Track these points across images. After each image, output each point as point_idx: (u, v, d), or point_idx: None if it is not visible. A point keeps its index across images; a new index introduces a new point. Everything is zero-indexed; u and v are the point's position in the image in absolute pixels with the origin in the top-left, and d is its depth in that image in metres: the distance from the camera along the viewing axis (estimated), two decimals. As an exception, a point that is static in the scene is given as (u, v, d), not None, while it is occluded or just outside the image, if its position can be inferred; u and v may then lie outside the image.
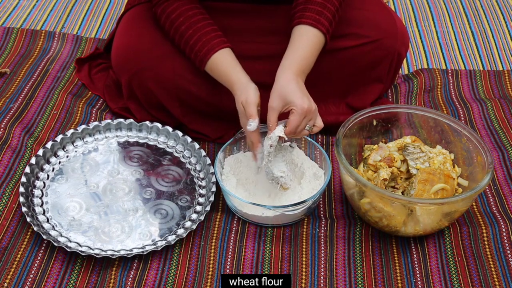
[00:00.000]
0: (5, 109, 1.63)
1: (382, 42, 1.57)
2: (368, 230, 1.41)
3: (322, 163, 1.49)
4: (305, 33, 1.41)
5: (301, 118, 1.32)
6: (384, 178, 1.38)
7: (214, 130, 1.61)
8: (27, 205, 1.38)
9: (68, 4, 2.17)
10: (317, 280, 1.31)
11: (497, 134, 1.65)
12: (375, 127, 1.51)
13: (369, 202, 1.33)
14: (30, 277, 1.29)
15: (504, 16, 2.18)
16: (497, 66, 1.95)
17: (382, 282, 1.31)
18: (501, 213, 1.44)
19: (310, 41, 1.41)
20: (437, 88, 1.81)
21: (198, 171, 1.52)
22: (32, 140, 1.57)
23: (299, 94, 1.33)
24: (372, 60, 1.59)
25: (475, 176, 1.39)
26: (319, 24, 1.41)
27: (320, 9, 1.42)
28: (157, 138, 1.59)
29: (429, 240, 1.39)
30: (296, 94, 1.32)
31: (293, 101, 1.32)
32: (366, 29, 1.55)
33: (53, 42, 1.92)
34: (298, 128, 1.33)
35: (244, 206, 1.39)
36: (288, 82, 1.34)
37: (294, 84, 1.34)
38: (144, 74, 1.53)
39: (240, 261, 1.33)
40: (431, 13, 2.20)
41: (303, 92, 1.34)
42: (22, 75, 1.77)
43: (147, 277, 1.30)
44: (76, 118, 1.66)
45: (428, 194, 1.34)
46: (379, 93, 1.67)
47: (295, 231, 1.40)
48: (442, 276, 1.32)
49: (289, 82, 1.34)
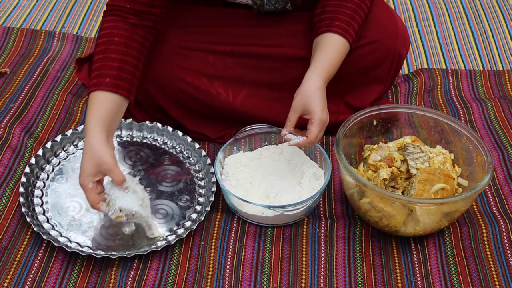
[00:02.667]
0: (5, 109, 1.63)
1: (383, 43, 1.57)
2: (368, 230, 1.41)
3: (322, 163, 1.49)
4: (334, 41, 1.42)
5: (319, 129, 1.36)
6: (384, 178, 1.38)
7: (214, 130, 1.61)
8: (27, 205, 1.38)
9: (68, 4, 2.17)
10: (317, 280, 1.31)
11: (497, 134, 1.65)
12: (375, 127, 1.51)
13: (369, 202, 1.33)
14: (30, 277, 1.29)
15: (504, 16, 2.18)
16: (497, 66, 1.95)
17: (382, 282, 1.31)
18: (501, 213, 1.44)
19: (339, 50, 1.43)
20: (437, 88, 1.81)
21: (198, 171, 1.52)
22: (32, 140, 1.57)
23: (321, 106, 1.36)
24: (373, 61, 1.59)
25: (475, 176, 1.39)
26: (347, 34, 1.43)
27: (350, 20, 1.43)
28: (157, 138, 1.59)
29: (429, 240, 1.39)
30: (319, 105, 1.36)
31: (315, 112, 1.36)
32: (368, 30, 1.55)
33: (53, 42, 1.92)
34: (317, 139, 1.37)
35: (244, 206, 1.39)
36: (315, 89, 1.37)
37: (320, 93, 1.37)
38: (142, 77, 1.53)
39: (240, 261, 1.33)
40: (431, 13, 2.20)
41: (324, 103, 1.38)
42: (22, 75, 1.77)
43: (147, 277, 1.30)
44: (76, 118, 1.66)
45: (428, 194, 1.34)
46: (379, 93, 1.67)
47: (295, 231, 1.40)
48: (442, 276, 1.32)
49: (316, 90, 1.37)
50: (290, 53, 1.54)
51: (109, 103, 1.31)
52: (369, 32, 1.56)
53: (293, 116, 1.38)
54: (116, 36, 1.35)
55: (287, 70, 1.56)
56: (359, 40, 1.54)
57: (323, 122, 1.36)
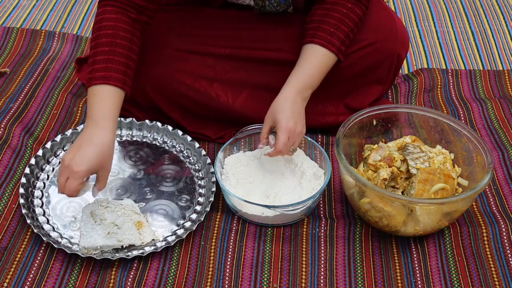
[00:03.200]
0: (5, 109, 1.63)
1: (382, 45, 1.57)
2: (368, 230, 1.41)
3: (322, 163, 1.49)
4: (314, 52, 1.44)
5: (285, 137, 1.37)
6: (384, 178, 1.38)
7: (214, 130, 1.61)
8: (27, 206, 1.37)
9: (68, 4, 2.17)
10: (317, 280, 1.31)
11: (497, 134, 1.65)
12: (375, 127, 1.51)
13: (369, 202, 1.33)
14: (30, 277, 1.29)
15: (504, 16, 2.18)
16: (497, 66, 1.95)
17: (382, 282, 1.31)
18: (501, 213, 1.44)
19: (319, 60, 1.44)
20: (437, 88, 1.81)
21: (198, 170, 1.52)
22: (32, 140, 1.57)
23: (287, 115, 1.38)
24: (372, 63, 1.59)
25: (475, 176, 1.39)
26: (329, 44, 1.44)
27: (333, 30, 1.44)
28: (157, 137, 1.59)
29: (429, 240, 1.38)
30: (284, 114, 1.38)
31: (279, 121, 1.38)
32: (367, 32, 1.55)
33: (53, 42, 1.92)
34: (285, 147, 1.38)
35: (244, 206, 1.39)
36: (284, 100, 1.40)
37: (289, 104, 1.39)
38: (141, 80, 1.53)
39: (240, 261, 1.33)
40: (431, 13, 2.20)
41: (293, 113, 1.39)
42: (22, 75, 1.77)
43: (147, 277, 1.30)
44: (76, 118, 1.66)
45: (428, 194, 1.34)
46: (379, 94, 1.67)
47: (295, 231, 1.40)
48: (442, 276, 1.32)
49: (285, 101, 1.40)
50: (288, 57, 1.54)
51: (118, 99, 1.31)
52: (368, 34, 1.56)
53: (264, 128, 1.42)
54: (121, 30, 1.34)
55: (286, 73, 1.55)
56: (358, 42, 1.54)
57: (288, 130, 1.37)
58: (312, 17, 1.47)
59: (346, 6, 1.45)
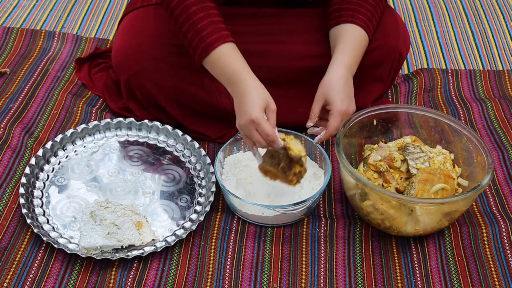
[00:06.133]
0: (5, 109, 1.63)
1: (385, 42, 1.57)
2: (368, 230, 1.41)
3: (322, 163, 1.49)
4: (358, 33, 1.44)
5: (339, 121, 1.37)
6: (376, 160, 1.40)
7: (214, 130, 1.61)
8: (27, 206, 1.37)
9: (68, 4, 2.17)
10: (317, 280, 1.31)
11: (497, 134, 1.65)
12: (375, 127, 1.51)
13: (371, 205, 1.33)
14: (30, 277, 1.29)
15: (504, 16, 2.18)
16: (497, 66, 1.95)
17: (382, 282, 1.31)
18: (501, 213, 1.44)
19: (362, 43, 1.45)
20: (437, 88, 1.81)
21: (198, 170, 1.52)
22: (32, 140, 1.57)
23: (341, 96, 1.36)
24: (374, 60, 1.59)
25: (475, 176, 1.39)
26: (368, 30, 1.45)
27: (370, 16, 1.46)
28: (157, 137, 1.59)
29: (429, 240, 1.38)
30: (339, 96, 1.36)
31: (333, 103, 1.36)
32: None
33: (53, 42, 1.92)
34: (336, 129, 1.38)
35: (244, 206, 1.39)
36: (337, 79, 1.38)
37: (342, 83, 1.37)
38: (142, 76, 1.53)
39: (240, 261, 1.33)
40: (431, 13, 2.20)
41: (346, 93, 1.37)
42: (22, 75, 1.77)
43: (147, 277, 1.30)
44: (76, 118, 1.66)
45: (428, 194, 1.34)
46: (380, 92, 1.67)
47: (295, 231, 1.40)
48: (442, 276, 1.32)
49: (337, 80, 1.38)
50: (292, 50, 1.54)
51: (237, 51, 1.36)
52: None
53: (315, 107, 1.39)
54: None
55: (289, 68, 1.56)
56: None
57: (342, 113, 1.36)
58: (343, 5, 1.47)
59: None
